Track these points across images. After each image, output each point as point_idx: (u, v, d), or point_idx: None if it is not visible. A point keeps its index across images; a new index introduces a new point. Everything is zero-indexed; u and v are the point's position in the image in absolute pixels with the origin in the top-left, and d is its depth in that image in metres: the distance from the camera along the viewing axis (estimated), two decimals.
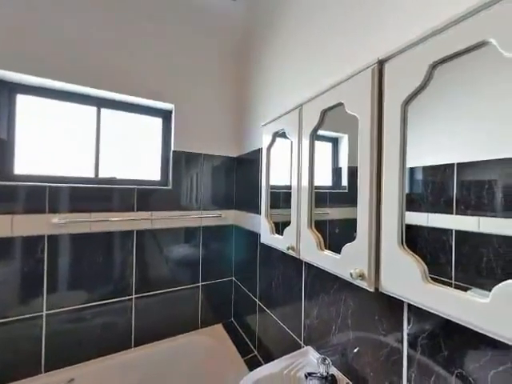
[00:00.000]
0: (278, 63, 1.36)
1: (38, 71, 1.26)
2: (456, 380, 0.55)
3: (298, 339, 1.09)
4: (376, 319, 0.74)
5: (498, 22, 0.41)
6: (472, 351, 0.53)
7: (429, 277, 0.52)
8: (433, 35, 0.50)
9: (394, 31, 0.72)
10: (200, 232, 1.72)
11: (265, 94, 1.49)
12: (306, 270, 1.05)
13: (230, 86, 1.85)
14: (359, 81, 0.67)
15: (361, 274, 0.63)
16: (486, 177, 0.49)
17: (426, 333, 0.61)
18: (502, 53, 0.41)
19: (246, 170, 1.71)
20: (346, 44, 0.89)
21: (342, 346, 0.86)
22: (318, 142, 0.89)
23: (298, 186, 0.93)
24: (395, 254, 0.57)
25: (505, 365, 0.48)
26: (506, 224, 0.46)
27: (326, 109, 0.80)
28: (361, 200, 0.65)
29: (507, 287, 0.39)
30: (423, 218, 0.59)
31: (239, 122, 1.85)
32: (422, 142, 0.58)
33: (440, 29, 0.49)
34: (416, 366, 0.63)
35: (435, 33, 0.50)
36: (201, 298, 1.73)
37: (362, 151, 0.65)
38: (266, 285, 1.38)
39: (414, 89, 0.54)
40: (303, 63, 1.14)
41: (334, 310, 0.90)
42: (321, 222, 0.88)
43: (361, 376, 0.79)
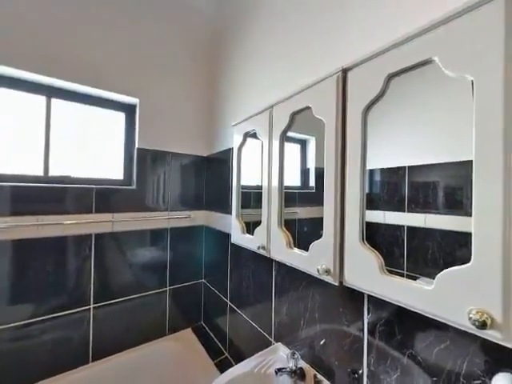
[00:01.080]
0: (249, 64, 1.36)
1: None
2: (408, 360, 0.62)
3: (269, 336, 1.11)
4: (340, 311, 0.79)
5: (441, 43, 0.47)
6: (420, 333, 0.59)
7: (385, 269, 0.57)
8: (389, 50, 0.56)
9: (358, 42, 0.77)
10: (168, 234, 1.64)
11: (236, 93, 1.49)
12: (276, 269, 1.08)
13: (201, 84, 1.80)
14: (325, 87, 0.70)
15: (327, 269, 0.67)
16: (430, 178, 0.56)
17: (383, 320, 0.67)
18: (443, 70, 0.47)
19: (216, 169, 1.69)
20: (314, 50, 0.93)
21: (310, 339, 0.90)
22: (288, 144, 0.92)
23: (269, 186, 0.95)
24: (357, 249, 0.61)
25: (445, 343, 0.55)
26: (446, 220, 0.53)
27: (296, 111, 0.83)
28: (327, 200, 0.69)
29: (447, 275, 0.45)
30: (380, 216, 0.64)
31: (210, 121, 1.82)
32: (379, 145, 0.63)
33: (395, 44, 0.54)
34: (375, 352, 0.69)
35: (391, 48, 0.55)
36: (168, 303, 1.65)
37: (328, 153, 0.69)
38: (237, 285, 1.38)
39: (373, 97, 0.59)
40: (274, 66, 1.16)
41: (302, 305, 0.94)
42: (290, 221, 0.91)
43: (327, 366, 0.83)
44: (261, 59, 1.26)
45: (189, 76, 1.74)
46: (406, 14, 0.65)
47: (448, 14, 0.45)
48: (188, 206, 1.74)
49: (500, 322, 0.38)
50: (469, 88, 0.44)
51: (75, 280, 1.32)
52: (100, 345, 1.39)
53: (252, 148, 1.14)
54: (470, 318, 0.40)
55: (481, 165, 0.41)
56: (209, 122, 1.82)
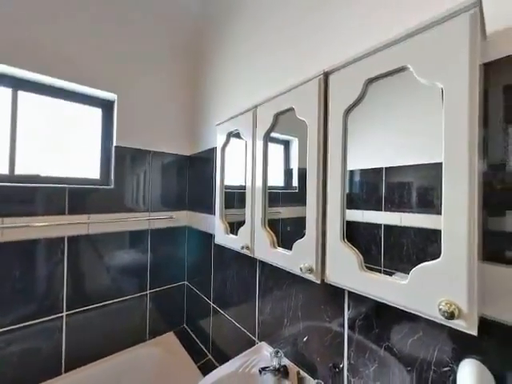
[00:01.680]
0: (232, 64, 1.36)
1: None
2: (384, 352, 0.65)
3: (253, 336, 1.11)
4: (322, 308, 0.81)
5: (414, 51, 0.50)
6: (396, 326, 0.63)
7: (364, 266, 0.59)
8: (367, 56, 0.58)
9: (340, 46, 0.80)
10: (148, 235, 1.59)
11: (219, 93, 1.47)
12: (260, 268, 1.08)
13: (184, 82, 1.76)
14: (308, 89, 0.72)
15: (309, 267, 0.68)
16: (405, 179, 0.59)
17: (362, 315, 0.70)
18: (416, 77, 0.50)
19: (199, 169, 1.66)
20: (298, 53, 0.95)
21: (293, 337, 0.92)
22: (272, 144, 0.92)
23: (253, 186, 0.95)
24: (338, 247, 0.63)
25: (418, 333, 0.58)
26: (419, 218, 0.56)
27: (279, 112, 0.84)
28: (309, 199, 0.71)
29: (419, 270, 0.48)
30: (359, 215, 0.67)
31: (193, 120, 1.79)
32: (359, 147, 0.66)
33: (373, 51, 0.57)
34: (354, 345, 0.72)
35: (369, 54, 0.57)
36: (149, 307, 1.60)
37: (311, 154, 0.70)
38: (221, 286, 1.37)
39: (353, 100, 0.61)
40: (258, 66, 1.16)
41: (285, 304, 0.95)
42: (274, 220, 0.92)
43: (310, 362, 0.85)
44: (245, 59, 1.26)
45: (171, 73, 1.70)
46: (385, 22, 0.68)
47: (420, 26, 0.48)
48: (170, 206, 1.69)
49: (466, 312, 0.41)
50: (439, 95, 0.47)
51: (46, 286, 1.23)
52: (74, 354, 1.31)
53: (236, 148, 1.14)
54: (439, 310, 0.43)
55: (449, 166, 0.44)
56: (192, 121, 1.79)
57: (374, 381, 0.67)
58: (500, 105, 0.49)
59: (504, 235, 0.48)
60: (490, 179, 0.49)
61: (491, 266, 0.48)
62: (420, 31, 0.49)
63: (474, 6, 0.42)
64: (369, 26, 0.72)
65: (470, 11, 0.42)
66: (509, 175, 0.48)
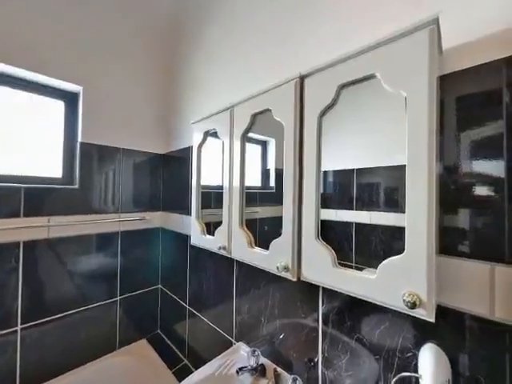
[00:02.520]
0: (210, 61, 1.33)
1: None
2: (355, 343, 0.69)
3: (230, 337, 1.11)
4: (298, 305, 0.84)
5: (382, 61, 0.54)
6: (366, 318, 0.67)
7: (337, 262, 0.62)
8: (340, 62, 0.61)
9: (316, 50, 0.83)
10: (118, 238, 1.49)
11: (196, 90, 1.44)
12: (238, 269, 1.08)
13: (158, 78, 1.69)
14: (284, 91, 0.73)
15: (286, 266, 0.70)
16: (374, 180, 0.63)
17: (335, 310, 0.73)
18: (384, 85, 0.53)
19: (174, 168, 1.60)
20: (276, 55, 0.97)
21: (270, 335, 0.93)
22: (249, 144, 0.93)
23: (230, 186, 0.94)
24: (313, 245, 0.66)
25: (385, 324, 0.63)
26: (386, 216, 0.60)
27: (256, 113, 0.85)
28: (286, 199, 0.72)
29: (386, 264, 0.52)
30: (333, 214, 0.70)
31: (167, 118, 1.72)
32: (333, 149, 0.69)
33: (345, 58, 0.59)
34: (328, 339, 0.75)
35: (341, 61, 0.60)
36: (119, 314, 1.50)
37: (287, 155, 0.72)
38: (197, 288, 1.34)
39: (326, 104, 0.63)
40: (236, 65, 1.16)
41: (263, 303, 0.96)
42: (251, 220, 0.92)
43: (286, 359, 0.87)
44: (223, 58, 1.24)
45: (144, 68, 1.62)
46: (359, 31, 0.72)
47: (386, 37, 0.52)
48: (143, 206, 1.61)
49: (425, 301, 0.45)
50: (403, 103, 0.51)
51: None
52: (31, 371, 1.18)
53: (212, 147, 1.12)
54: (403, 300, 0.47)
55: (411, 168, 0.48)
56: (166, 119, 1.72)
57: (345, 371, 0.71)
58: (453, 114, 0.55)
59: (456, 230, 0.54)
60: (446, 180, 0.55)
61: (446, 259, 0.54)
62: (386, 42, 0.52)
63: (432, 24, 0.46)
64: (344, 33, 0.75)
65: (429, 27, 0.47)
66: (461, 176, 0.54)
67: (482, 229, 0.51)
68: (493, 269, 0.49)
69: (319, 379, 0.76)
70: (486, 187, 0.51)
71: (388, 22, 0.65)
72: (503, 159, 0.49)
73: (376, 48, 0.54)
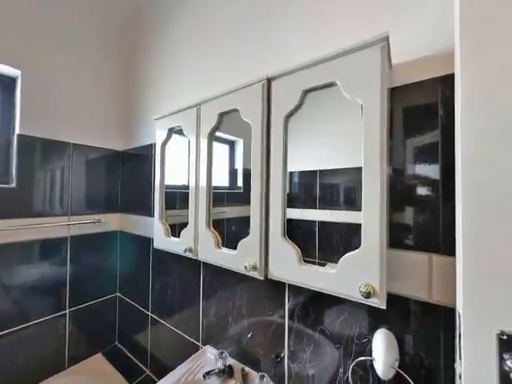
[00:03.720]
0: (177, 55, 1.27)
1: None
2: (319, 335, 0.73)
3: (196, 341, 1.08)
4: (265, 303, 0.85)
5: (341, 70, 0.58)
6: (328, 310, 0.71)
7: (302, 259, 0.65)
8: (304, 68, 0.64)
9: (283, 53, 0.85)
10: (67, 243, 1.33)
11: (160, 85, 1.36)
12: (204, 270, 1.05)
13: (116, 67, 1.55)
14: (252, 92, 0.74)
15: (254, 265, 0.70)
16: (335, 181, 0.68)
17: (300, 305, 0.76)
18: (343, 93, 0.57)
19: (135, 166, 1.49)
20: (243, 55, 0.97)
21: (238, 335, 0.93)
22: (217, 143, 0.91)
23: (197, 185, 0.92)
24: (279, 244, 0.68)
25: (344, 314, 0.68)
26: (345, 214, 0.65)
27: (224, 112, 0.84)
28: (253, 199, 0.73)
29: (345, 259, 0.56)
30: (298, 213, 0.73)
31: (127, 112, 1.59)
32: (298, 151, 0.72)
33: (309, 64, 0.62)
34: (294, 334, 0.78)
35: (306, 67, 0.63)
36: (69, 329, 1.34)
37: (254, 155, 0.73)
38: (161, 294, 1.27)
39: (292, 107, 0.66)
40: (203, 62, 1.13)
41: (230, 303, 0.95)
42: (219, 220, 0.91)
43: (254, 357, 0.88)
44: (190, 53, 1.20)
45: (100, 58, 1.47)
46: (321, 41, 0.76)
47: (344, 49, 0.56)
48: (98, 208, 1.47)
49: (378, 291, 0.50)
50: (360, 110, 0.55)
51: None
52: None
53: (178, 145, 1.07)
54: (360, 291, 0.51)
55: (366, 170, 0.53)
56: (126, 113, 1.59)
57: (310, 362, 0.74)
58: (400, 122, 0.62)
59: (403, 226, 0.61)
60: (394, 181, 0.61)
61: (394, 251, 0.60)
62: (344, 54, 0.57)
63: (383, 41, 0.52)
64: (310, 42, 0.79)
65: (381, 44, 0.52)
66: (406, 178, 0.61)
67: (422, 224, 0.58)
68: (431, 258, 0.56)
69: (285, 373, 0.79)
70: (425, 188, 0.58)
71: (347, 35, 0.70)
72: (439, 163, 0.56)
73: (336, 58, 0.58)
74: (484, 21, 0.37)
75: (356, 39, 0.55)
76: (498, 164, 0.36)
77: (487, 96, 0.37)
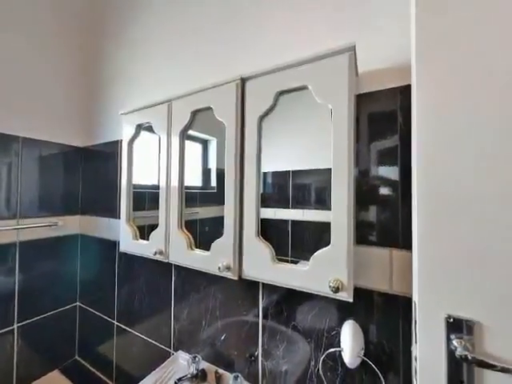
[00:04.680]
0: (146, 47, 1.20)
1: None
2: (291, 331, 0.75)
3: (167, 348, 1.03)
4: (239, 303, 0.85)
5: (313, 75, 0.60)
6: (300, 306, 0.73)
7: (276, 258, 0.66)
8: (278, 70, 0.65)
9: (258, 54, 0.85)
10: (16, 250, 1.18)
11: (127, 77, 1.28)
12: (176, 273, 1.01)
13: (76, 53, 1.41)
14: (226, 91, 0.73)
15: (228, 266, 0.70)
16: (306, 181, 0.70)
17: (273, 303, 0.78)
18: (314, 97, 0.60)
19: (98, 164, 1.38)
20: (217, 52, 0.95)
21: (211, 338, 0.91)
22: (189, 142, 0.88)
23: (168, 185, 0.88)
24: (253, 243, 0.68)
25: (315, 309, 0.70)
26: (317, 213, 0.68)
27: (197, 110, 0.82)
28: (227, 199, 0.72)
29: (316, 256, 0.59)
30: (272, 213, 0.74)
31: (89, 105, 1.46)
32: (272, 151, 0.73)
33: (283, 67, 0.64)
34: (267, 332, 0.79)
35: (280, 69, 0.65)
36: (17, 346, 1.19)
37: (228, 155, 0.72)
38: (128, 300, 1.19)
39: (267, 107, 0.67)
40: (177, 57, 1.08)
41: (203, 306, 0.93)
42: (191, 221, 0.88)
43: (228, 359, 0.87)
44: (161, 45, 1.14)
45: (55, 44, 1.33)
46: (296, 44, 0.78)
47: (316, 54, 0.59)
48: (54, 210, 1.32)
49: (346, 285, 0.53)
50: (330, 114, 0.58)
51: None
52: None
53: (147, 143, 1.02)
54: (329, 286, 0.54)
55: (335, 171, 0.56)
56: (88, 105, 1.46)
57: (283, 359, 0.76)
58: (366, 127, 0.66)
59: (367, 224, 0.65)
60: (360, 182, 0.66)
61: (360, 247, 0.65)
62: (315, 60, 0.59)
63: (351, 50, 0.55)
64: (285, 45, 0.80)
65: (349, 52, 0.55)
66: (371, 179, 0.65)
67: (384, 221, 0.63)
68: (391, 253, 0.61)
69: (259, 371, 0.80)
70: (386, 188, 0.63)
71: (319, 42, 0.73)
72: (398, 166, 0.62)
73: (308, 63, 0.60)
74: (434, 42, 0.42)
75: (326, 47, 0.58)
76: (447, 167, 0.40)
77: (438, 106, 0.41)
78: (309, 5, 0.75)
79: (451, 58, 0.41)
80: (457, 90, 0.40)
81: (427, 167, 0.42)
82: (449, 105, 0.40)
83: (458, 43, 0.40)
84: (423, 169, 0.42)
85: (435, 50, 0.42)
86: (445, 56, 0.41)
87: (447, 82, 0.41)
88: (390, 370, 0.61)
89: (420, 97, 0.43)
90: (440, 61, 0.41)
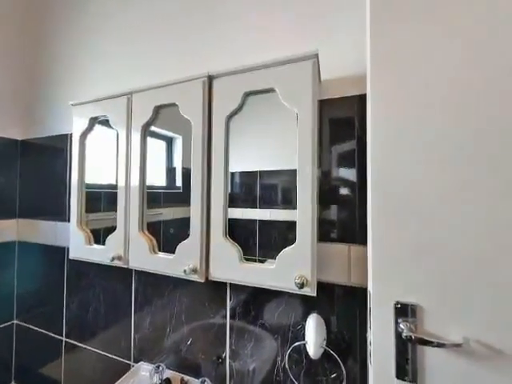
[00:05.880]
0: (103, 32, 1.09)
1: None
2: (259, 329, 0.76)
3: (127, 360, 0.96)
4: (206, 305, 0.83)
5: (280, 78, 0.62)
6: (267, 304, 0.75)
7: (243, 258, 0.66)
8: (246, 71, 0.65)
9: (226, 52, 0.84)
10: None
11: (79, 62, 1.14)
12: (137, 279, 0.95)
13: (13, 31, 1.22)
14: (193, 87, 0.71)
15: (194, 268, 0.68)
16: (273, 181, 0.72)
17: (241, 303, 0.78)
18: (281, 100, 0.62)
19: (42, 160, 1.21)
20: (183, 48, 0.91)
21: (176, 344, 0.87)
22: (152, 139, 0.83)
23: (127, 185, 0.82)
24: (221, 244, 0.67)
25: (282, 306, 0.73)
26: (283, 213, 0.70)
27: (160, 105, 0.77)
28: (194, 199, 0.70)
29: (282, 254, 0.60)
30: (239, 213, 0.74)
31: (31, 91, 1.27)
32: (240, 151, 0.73)
33: (250, 68, 0.65)
34: (235, 332, 0.79)
35: (247, 70, 0.65)
36: None
37: (195, 154, 0.70)
38: (79, 313, 1.07)
39: (234, 108, 0.66)
40: (139, 46, 1.00)
41: (168, 311, 0.89)
42: (154, 223, 0.83)
43: (194, 364, 0.84)
44: (121, 33, 1.05)
45: None
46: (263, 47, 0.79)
47: (283, 58, 0.61)
48: None
49: (310, 280, 0.56)
50: (296, 117, 0.60)
51: None
52: None
53: (102, 138, 0.93)
54: (295, 283, 0.56)
55: (300, 172, 0.59)
56: (29, 92, 1.27)
57: (251, 357, 0.76)
58: (327, 131, 0.71)
59: (329, 222, 0.70)
60: (322, 182, 0.70)
61: (323, 244, 0.69)
62: (281, 63, 0.61)
63: (315, 57, 0.58)
64: (254, 45, 0.81)
65: (312, 59, 0.58)
66: (332, 180, 0.70)
67: (343, 219, 0.68)
68: (350, 248, 0.66)
69: (227, 373, 0.79)
70: (346, 188, 0.69)
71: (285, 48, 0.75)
72: (355, 168, 0.67)
73: (274, 66, 0.62)
74: (386, 58, 0.47)
75: (293, 52, 0.60)
76: (396, 169, 0.45)
77: (389, 115, 0.46)
78: (278, 12, 0.77)
79: (400, 72, 0.46)
80: (404, 100, 0.45)
81: (379, 170, 0.47)
82: (398, 113, 0.46)
83: (405, 59, 0.45)
84: (376, 171, 0.47)
85: (386, 64, 0.47)
86: (394, 70, 0.46)
87: (397, 93, 0.46)
88: (349, 356, 0.66)
89: (374, 106, 0.47)
90: (390, 74, 0.46)
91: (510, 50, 0.40)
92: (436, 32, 0.44)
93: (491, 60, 0.41)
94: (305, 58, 0.59)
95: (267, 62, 0.62)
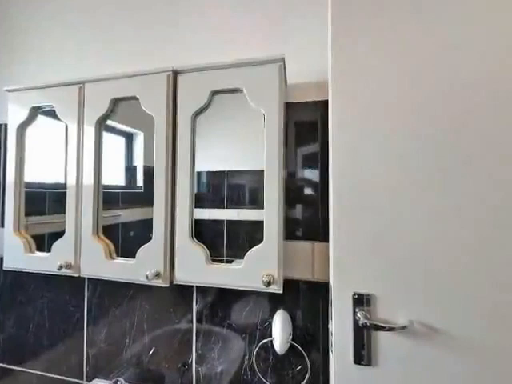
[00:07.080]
0: (44, 11, 0.96)
1: None
2: (227, 330, 0.75)
3: (79, 380, 0.86)
4: (171, 311, 0.79)
5: (247, 79, 0.62)
6: (235, 304, 0.74)
7: (210, 259, 0.65)
8: (212, 69, 0.64)
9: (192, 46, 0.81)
10: None
11: (16, 39, 0.99)
12: (91, 288, 0.86)
13: None
14: (156, 81, 0.67)
15: (157, 273, 0.64)
16: (241, 181, 0.72)
17: (208, 305, 0.76)
18: (248, 101, 0.62)
19: None
20: (150, 38, 0.86)
21: (137, 355, 0.81)
22: (109, 134, 0.76)
23: (78, 184, 0.73)
24: (187, 246, 0.65)
25: (249, 305, 0.73)
26: (250, 213, 0.71)
27: (119, 98, 0.71)
28: (157, 200, 0.66)
29: (250, 254, 0.61)
30: (206, 213, 0.73)
31: None
32: (206, 151, 0.71)
33: (216, 66, 0.64)
34: (202, 336, 0.76)
35: (213, 68, 0.64)
36: None
37: (158, 152, 0.66)
38: (17, 332, 0.92)
39: (201, 105, 0.65)
40: (94, 28, 0.91)
41: (128, 321, 0.82)
42: (111, 226, 0.76)
43: (157, 374, 0.79)
44: (73, 12, 0.94)
45: None
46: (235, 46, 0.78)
47: (251, 60, 0.61)
48: None
49: (277, 278, 0.58)
50: (263, 118, 0.61)
51: None
52: None
53: (46, 130, 0.82)
54: (263, 281, 0.57)
55: (268, 173, 0.60)
56: None
57: (218, 360, 0.75)
58: (293, 133, 0.73)
59: (294, 220, 0.72)
60: (288, 183, 0.72)
61: (289, 242, 0.71)
62: (250, 64, 0.62)
63: (281, 61, 0.60)
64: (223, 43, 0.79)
65: (279, 63, 0.60)
66: (297, 180, 0.73)
67: (308, 218, 0.72)
68: (313, 245, 0.70)
69: (193, 379, 0.76)
70: (310, 188, 0.72)
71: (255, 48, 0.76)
72: (318, 169, 0.71)
73: (241, 66, 0.62)
74: (346, 67, 0.50)
75: (260, 54, 0.61)
76: (354, 170, 0.49)
77: (348, 120, 0.50)
78: (244, 12, 0.77)
79: (358, 81, 0.50)
80: (362, 107, 0.49)
81: (339, 171, 0.50)
82: (357, 119, 0.50)
83: (362, 70, 0.50)
84: (337, 172, 0.50)
85: (346, 73, 0.50)
86: (353, 79, 0.50)
87: (356, 100, 0.50)
88: (313, 348, 0.69)
89: (334, 111, 0.51)
90: (351, 82, 0.50)
91: (457, 60, 0.46)
92: (391, 47, 0.49)
93: (437, 72, 0.47)
94: (272, 60, 0.60)
95: (235, 61, 0.62)
